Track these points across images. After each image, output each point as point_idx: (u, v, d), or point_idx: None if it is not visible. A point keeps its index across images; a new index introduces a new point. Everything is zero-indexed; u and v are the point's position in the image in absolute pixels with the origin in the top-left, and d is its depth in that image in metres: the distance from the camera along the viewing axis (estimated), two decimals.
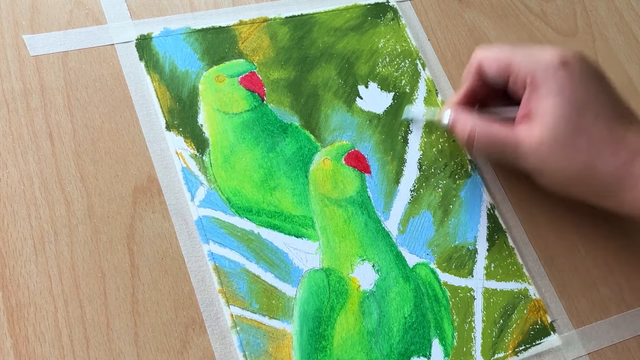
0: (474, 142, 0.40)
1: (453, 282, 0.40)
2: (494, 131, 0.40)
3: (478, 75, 0.42)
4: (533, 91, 0.39)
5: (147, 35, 0.43)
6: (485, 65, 0.41)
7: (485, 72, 0.41)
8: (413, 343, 0.38)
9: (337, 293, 0.38)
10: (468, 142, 0.40)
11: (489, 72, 0.41)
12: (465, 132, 0.40)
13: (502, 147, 0.39)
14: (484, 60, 0.41)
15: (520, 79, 0.39)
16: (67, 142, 0.38)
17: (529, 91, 0.39)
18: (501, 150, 0.40)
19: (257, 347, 0.36)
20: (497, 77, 0.41)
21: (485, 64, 0.41)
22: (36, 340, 0.33)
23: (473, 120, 0.40)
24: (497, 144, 0.40)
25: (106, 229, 0.37)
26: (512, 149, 0.39)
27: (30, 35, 0.41)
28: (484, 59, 0.41)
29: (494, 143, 0.40)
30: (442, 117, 0.42)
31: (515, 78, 0.40)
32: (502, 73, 0.40)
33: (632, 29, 0.55)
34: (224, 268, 0.37)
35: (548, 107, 0.38)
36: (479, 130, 0.40)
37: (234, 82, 0.43)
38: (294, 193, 0.40)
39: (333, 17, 0.47)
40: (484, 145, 0.40)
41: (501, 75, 0.40)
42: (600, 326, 0.41)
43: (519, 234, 0.43)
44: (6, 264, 0.35)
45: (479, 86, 0.42)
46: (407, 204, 0.42)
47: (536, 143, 0.38)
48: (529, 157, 0.38)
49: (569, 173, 0.38)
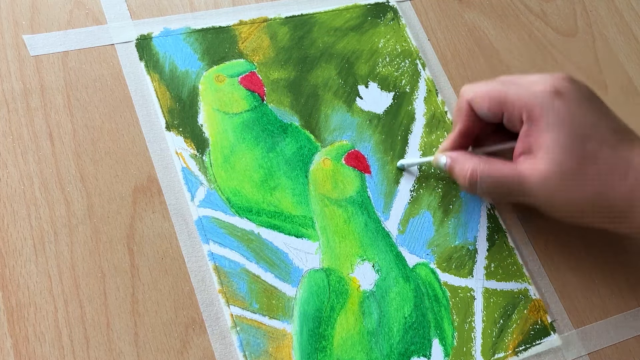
0: (476, 183, 0.39)
1: (453, 282, 0.40)
2: (496, 170, 0.39)
3: (469, 115, 0.41)
4: (531, 126, 0.38)
5: (147, 35, 0.43)
6: (475, 104, 0.40)
7: (476, 111, 0.40)
8: (413, 343, 0.38)
9: (337, 293, 0.38)
10: (470, 184, 0.39)
11: (481, 110, 0.40)
12: (465, 174, 0.39)
13: (507, 185, 0.38)
14: (474, 99, 0.40)
15: (516, 115, 0.38)
16: (67, 142, 0.38)
17: (527, 126, 0.38)
18: (507, 189, 0.39)
19: (257, 347, 0.36)
20: (489, 115, 0.40)
21: (476, 103, 0.40)
22: (36, 340, 0.33)
23: (473, 161, 0.39)
24: (501, 182, 0.39)
25: (106, 229, 0.37)
26: (518, 186, 0.38)
27: (30, 35, 0.41)
28: (474, 98, 0.40)
29: (499, 182, 0.39)
30: (437, 161, 0.42)
31: (510, 114, 0.39)
32: (495, 110, 0.39)
33: (632, 29, 0.55)
34: (224, 268, 0.37)
35: (550, 140, 0.37)
36: (480, 171, 0.39)
37: (234, 82, 0.43)
38: (294, 193, 0.40)
39: (333, 17, 0.47)
40: (488, 185, 0.39)
41: (494, 113, 0.39)
42: (600, 326, 0.41)
43: (519, 234, 0.43)
44: (6, 264, 0.35)
45: (472, 125, 0.41)
46: (407, 204, 0.42)
47: (543, 178, 0.37)
48: (537, 193, 0.38)
49: (580, 203, 0.37)
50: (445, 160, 0.41)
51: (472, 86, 0.41)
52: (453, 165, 0.41)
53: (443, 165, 0.41)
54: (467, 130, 0.41)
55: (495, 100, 0.39)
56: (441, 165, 0.41)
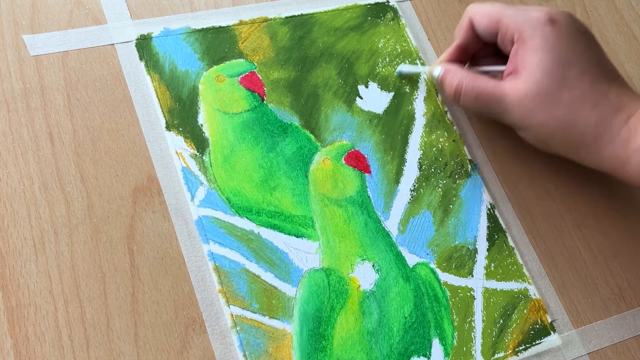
0: (460, 96, 0.41)
1: (453, 282, 0.40)
2: (480, 84, 0.41)
3: (469, 30, 0.43)
4: (520, 46, 0.40)
5: (147, 35, 0.43)
6: (475, 20, 0.42)
7: (476, 28, 0.42)
8: (413, 343, 0.38)
9: (337, 293, 0.38)
10: (455, 95, 0.42)
11: (479, 27, 0.42)
12: (452, 84, 0.42)
13: (488, 100, 0.40)
14: (475, 15, 0.42)
15: (508, 35, 0.40)
16: (67, 142, 0.38)
17: (516, 47, 0.40)
18: (487, 103, 0.41)
19: (257, 347, 0.36)
20: (486, 32, 0.42)
21: (476, 19, 0.42)
22: (36, 340, 0.33)
23: (461, 74, 0.42)
24: (483, 96, 0.41)
25: (106, 229, 0.37)
26: (498, 102, 0.40)
27: (30, 35, 0.41)
28: (475, 14, 0.42)
29: (480, 96, 0.41)
30: (433, 72, 0.44)
31: (504, 34, 0.41)
32: (492, 28, 0.41)
33: (632, 29, 0.55)
34: (224, 268, 0.37)
35: (534, 62, 0.39)
36: (465, 83, 0.41)
37: (234, 82, 0.43)
38: (294, 193, 0.40)
39: (333, 17, 0.47)
40: (470, 98, 0.41)
41: (490, 31, 0.42)
42: (600, 326, 0.41)
43: (519, 234, 0.43)
44: (6, 264, 0.35)
45: (470, 42, 0.43)
46: (407, 203, 0.42)
47: (520, 96, 0.39)
48: (513, 110, 0.39)
49: (550, 127, 0.39)
50: (439, 71, 0.43)
51: (477, 4, 0.43)
52: (445, 76, 0.43)
53: (437, 76, 0.43)
54: (465, 45, 0.44)
55: (493, 19, 0.41)
56: (435, 76, 0.43)
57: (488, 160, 0.45)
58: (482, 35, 0.43)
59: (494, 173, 0.45)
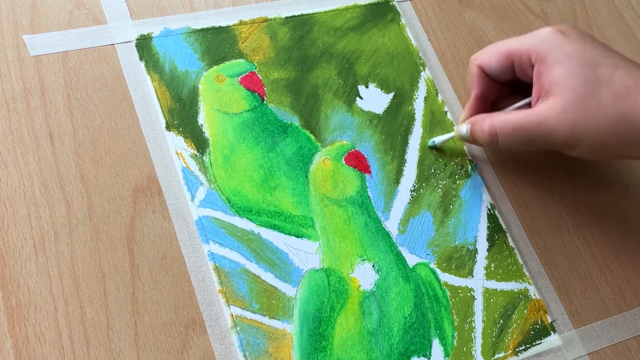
0: (497, 137, 0.39)
1: (453, 282, 0.40)
2: (514, 117, 0.38)
3: (482, 77, 0.41)
4: (541, 65, 0.38)
5: (147, 35, 0.43)
6: (485, 65, 0.41)
7: (488, 72, 0.41)
8: (413, 343, 0.38)
9: (337, 293, 0.38)
10: (491, 137, 0.39)
11: (491, 69, 0.41)
12: (484, 130, 0.39)
13: (528, 130, 0.37)
14: (483, 61, 0.41)
15: (524, 61, 0.39)
16: (67, 142, 0.38)
17: (537, 67, 0.38)
18: (527, 134, 0.38)
19: (257, 347, 0.36)
20: (501, 70, 0.40)
21: (485, 63, 0.41)
22: (36, 340, 0.33)
23: (490, 118, 0.39)
24: (521, 128, 0.38)
25: (106, 229, 0.37)
26: (538, 128, 0.37)
27: (30, 35, 0.41)
28: (482, 60, 0.41)
29: (518, 128, 0.38)
30: (460, 131, 0.42)
31: (519, 61, 0.39)
32: (505, 64, 0.40)
33: (632, 29, 0.55)
34: (224, 268, 0.37)
35: (561, 74, 0.37)
36: (498, 124, 0.39)
37: (234, 82, 0.43)
38: (294, 193, 0.40)
39: (333, 17, 0.47)
40: (508, 136, 0.38)
41: (505, 67, 0.40)
42: (600, 326, 0.41)
43: (519, 234, 0.43)
44: (6, 264, 0.35)
45: (487, 89, 0.41)
46: (407, 204, 0.42)
47: (561, 112, 0.36)
48: (558, 130, 0.37)
49: (603, 130, 0.36)
50: (466, 128, 0.41)
51: (479, 52, 0.42)
52: (473, 128, 0.40)
53: (465, 133, 0.41)
54: (483, 93, 0.41)
55: (503, 54, 0.40)
56: (463, 134, 0.41)
57: (488, 160, 0.45)
58: (497, 76, 0.41)
59: (494, 173, 0.45)
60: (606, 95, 0.36)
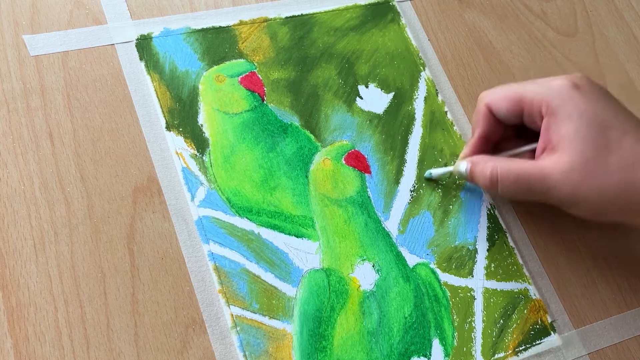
0: (497, 183, 0.38)
1: (453, 282, 0.40)
2: (517, 166, 0.38)
3: (489, 118, 0.40)
4: (551, 119, 0.37)
5: (147, 35, 0.43)
6: (494, 106, 0.40)
7: (496, 113, 0.40)
8: (413, 343, 0.38)
9: (337, 293, 0.38)
10: (491, 183, 0.38)
11: (500, 111, 0.40)
12: (486, 174, 0.39)
13: (529, 181, 0.37)
14: (492, 101, 0.40)
15: (535, 110, 0.38)
16: (67, 142, 0.38)
17: (547, 120, 0.37)
18: (528, 186, 0.37)
19: (257, 347, 0.36)
20: (509, 115, 0.40)
21: (494, 105, 0.40)
22: (36, 340, 0.33)
23: (492, 161, 0.39)
24: (523, 179, 0.37)
25: (106, 229, 0.37)
26: (540, 181, 0.37)
27: (30, 35, 0.41)
28: (492, 100, 0.40)
29: (520, 178, 0.37)
30: (459, 168, 0.41)
31: (529, 110, 0.38)
32: (515, 110, 0.39)
33: (632, 29, 0.55)
34: (224, 268, 0.37)
35: (571, 132, 0.36)
36: (500, 169, 0.38)
37: (234, 82, 0.43)
38: (294, 193, 0.40)
39: (333, 17, 0.47)
40: (508, 184, 0.38)
41: (514, 113, 0.39)
42: (600, 326, 0.41)
43: (519, 234, 0.43)
44: (6, 264, 0.35)
45: (492, 130, 0.41)
46: (407, 204, 0.42)
47: (565, 171, 0.36)
48: (560, 188, 0.36)
49: (606, 195, 0.36)
50: (466, 166, 0.40)
51: (490, 90, 0.41)
52: (474, 168, 0.40)
53: (464, 171, 0.40)
54: (487, 134, 0.41)
55: (514, 99, 0.39)
56: (462, 172, 0.41)
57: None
58: (505, 119, 0.40)
59: None
60: (613, 161, 0.36)
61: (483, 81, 0.48)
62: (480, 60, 0.49)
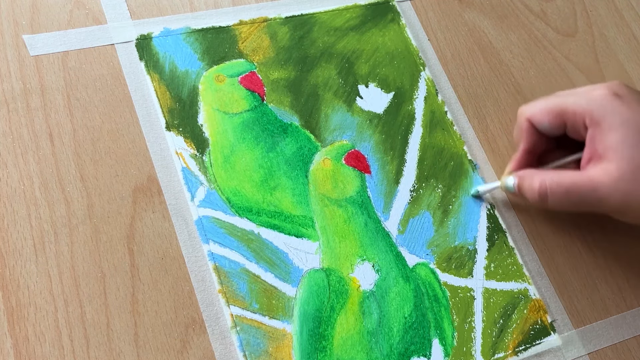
0: (547, 197, 0.38)
1: (453, 282, 0.40)
2: (566, 178, 0.38)
3: (531, 132, 0.41)
4: (596, 129, 0.37)
5: (147, 35, 0.43)
6: (536, 120, 0.40)
7: (538, 127, 0.40)
8: (413, 343, 0.38)
9: (337, 293, 0.38)
10: (541, 197, 0.39)
11: (542, 125, 0.40)
12: (534, 188, 0.39)
13: (580, 193, 0.37)
14: (534, 116, 0.40)
15: (578, 122, 0.38)
16: (67, 142, 0.38)
17: (591, 131, 0.38)
18: (580, 199, 0.38)
19: (257, 347, 0.36)
20: (552, 127, 0.40)
21: (536, 119, 0.40)
22: (36, 340, 0.33)
23: (540, 175, 0.39)
24: (574, 191, 0.38)
25: (106, 229, 0.37)
26: (591, 193, 0.37)
27: (30, 35, 0.41)
28: (533, 114, 0.40)
29: (571, 190, 0.38)
30: (505, 183, 0.41)
31: (572, 122, 0.39)
32: (557, 122, 0.39)
33: (632, 29, 0.55)
34: (224, 268, 0.37)
35: (617, 141, 0.37)
36: (549, 182, 0.38)
37: (234, 82, 0.43)
38: (294, 193, 0.40)
39: (333, 17, 0.47)
40: (560, 197, 0.38)
41: (557, 125, 0.40)
42: (600, 326, 0.41)
43: (519, 234, 0.43)
44: (6, 264, 0.35)
45: (535, 143, 0.41)
46: (407, 204, 0.42)
47: (616, 180, 0.36)
48: (611, 196, 0.37)
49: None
50: (514, 181, 0.41)
51: (529, 105, 0.41)
52: (521, 182, 0.40)
53: (512, 186, 0.41)
54: (531, 147, 0.41)
55: (555, 112, 0.39)
56: (510, 186, 0.41)
57: (488, 160, 0.45)
58: (548, 132, 0.40)
59: (494, 173, 0.45)
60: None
61: (483, 81, 0.48)
62: (480, 60, 0.49)
